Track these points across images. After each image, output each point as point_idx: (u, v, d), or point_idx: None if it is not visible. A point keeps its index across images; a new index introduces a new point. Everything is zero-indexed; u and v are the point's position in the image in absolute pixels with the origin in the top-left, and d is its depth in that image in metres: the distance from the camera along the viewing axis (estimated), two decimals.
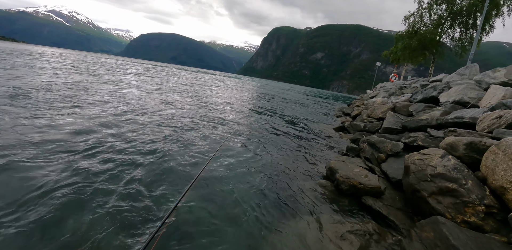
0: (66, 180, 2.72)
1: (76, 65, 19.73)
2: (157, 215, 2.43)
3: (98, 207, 2.39)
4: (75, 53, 61.03)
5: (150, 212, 2.46)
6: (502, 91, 5.08)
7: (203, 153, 4.29)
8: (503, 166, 2.50)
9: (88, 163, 3.22)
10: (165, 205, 2.61)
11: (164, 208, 2.55)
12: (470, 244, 1.93)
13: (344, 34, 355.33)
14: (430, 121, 5.19)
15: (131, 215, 2.36)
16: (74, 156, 3.31)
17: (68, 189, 2.57)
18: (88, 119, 5.06)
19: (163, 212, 2.47)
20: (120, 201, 2.53)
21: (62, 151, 3.41)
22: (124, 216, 2.33)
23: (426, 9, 21.19)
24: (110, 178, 2.96)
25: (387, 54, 28.78)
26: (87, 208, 2.36)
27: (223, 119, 7.48)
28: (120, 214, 2.35)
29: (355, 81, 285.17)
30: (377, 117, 8.19)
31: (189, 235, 2.26)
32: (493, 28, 18.95)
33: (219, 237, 2.32)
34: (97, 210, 2.34)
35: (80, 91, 7.99)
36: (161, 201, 2.67)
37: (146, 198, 2.68)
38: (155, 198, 2.71)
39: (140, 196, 2.70)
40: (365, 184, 3.43)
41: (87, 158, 3.36)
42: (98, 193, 2.60)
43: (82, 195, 2.52)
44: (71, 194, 2.50)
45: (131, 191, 2.74)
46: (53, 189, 2.53)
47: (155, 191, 2.86)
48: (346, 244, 2.45)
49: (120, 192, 2.69)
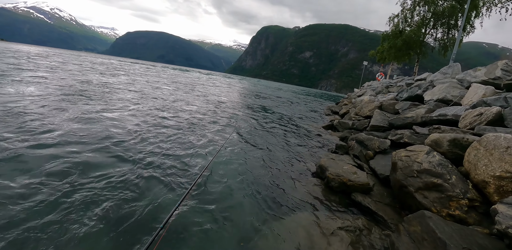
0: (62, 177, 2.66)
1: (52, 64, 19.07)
2: (158, 216, 2.43)
3: (96, 208, 2.38)
4: (57, 51, 58.94)
5: (151, 213, 2.46)
6: (482, 90, 5.29)
7: (200, 154, 4.31)
8: (484, 161, 2.61)
9: (86, 162, 3.19)
10: (166, 206, 2.61)
11: (165, 209, 2.54)
12: (455, 236, 2.01)
13: (332, 34, 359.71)
14: (415, 119, 5.35)
15: (132, 216, 2.37)
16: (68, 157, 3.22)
17: (63, 188, 2.51)
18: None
19: (164, 214, 2.45)
20: (121, 202, 2.54)
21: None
22: (125, 217, 2.34)
23: (410, 10, 21.76)
24: (109, 177, 2.96)
25: (373, 53, 29.36)
26: (85, 210, 2.34)
27: (219, 119, 7.48)
28: (120, 215, 2.35)
29: (343, 80, 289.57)
30: (365, 115, 8.36)
31: (188, 234, 2.27)
32: (473, 29, 19.69)
33: (215, 236, 2.33)
34: (97, 212, 2.33)
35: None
36: (162, 203, 2.68)
37: (147, 199, 2.68)
38: (155, 199, 2.71)
39: (141, 197, 2.71)
40: (355, 181, 3.50)
41: (86, 157, 3.31)
42: (97, 193, 2.60)
43: (80, 196, 2.50)
44: (67, 193, 2.49)
45: (132, 191, 2.76)
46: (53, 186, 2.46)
47: (156, 192, 2.87)
48: (337, 240, 2.49)
49: (120, 191, 2.70)
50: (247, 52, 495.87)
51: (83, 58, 37.26)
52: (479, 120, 3.89)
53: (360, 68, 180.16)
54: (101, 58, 56.98)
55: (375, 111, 7.35)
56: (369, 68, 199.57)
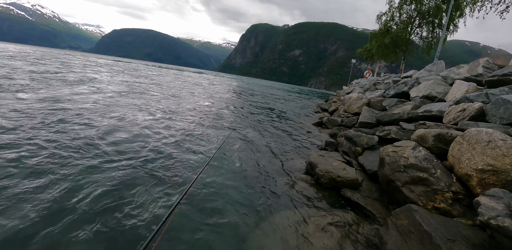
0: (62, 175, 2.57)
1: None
2: (158, 214, 2.47)
3: (96, 206, 2.42)
4: (38, 49, 56.90)
5: (151, 211, 2.50)
6: (465, 86, 5.45)
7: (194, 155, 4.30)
8: (467, 155, 2.69)
9: (84, 162, 3.20)
10: (166, 204, 2.67)
11: (165, 207, 2.60)
12: (440, 228, 2.07)
13: (320, 32, 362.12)
14: (402, 115, 5.46)
15: (131, 214, 2.40)
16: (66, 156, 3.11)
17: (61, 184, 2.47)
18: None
19: (164, 211, 2.51)
20: (119, 200, 2.57)
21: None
22: (124, 215, 2.36)
23: (397, 8, 22.22)
24: (108, 176, 2.99)
25: (361, 51, 29.87)
26: (82, 207, 2.36)
27: (214, 119, 7.48)
28: (119, 214, 2.37)
29: (332, 77, 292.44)
30: (353, 112, 8.48)
31: (183, 233, 2.30)
32: (456, 28, 20.31)
33: (208, 234, 2.35)
34: (96, 209, 2.37)
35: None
36: (162, 200, 2.72)
37: (147, 197, 2.73)
38: (155, 197, 2.76)
39: (141, 195, 2.75)
40: (344, 177, 3.55)
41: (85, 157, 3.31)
42: (96, 192, 2.62)
43: (75, 196, 2.51)
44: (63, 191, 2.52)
45: (132, 189, 2.81)
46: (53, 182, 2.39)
47: (156, 190, 2.91)
48: (327, 236, 2.52)
49: (119, 191, 2.73)
50: (236, 50, 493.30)
51: (70, 57, 36.10)
52: (462, 115, 4.01)
53: (349, 66, 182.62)
54: (85, 56, 55.35)
55: (363, 108, 7.46)
56: (357, 66, 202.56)
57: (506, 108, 3.51)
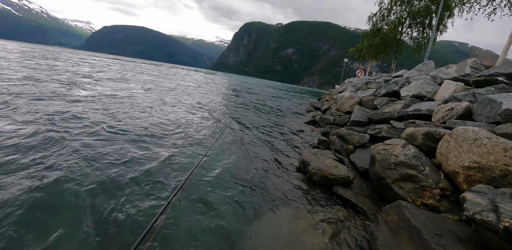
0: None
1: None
2: (151, 211, 2.48)
3: (91, 203, 2.44)
4: (25, 46, 55.34)
5: (144, 208, 2.52)
6: (453, 86, 5.59)
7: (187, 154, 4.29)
8: (454, 152, 2.77)
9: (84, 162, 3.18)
10: (159, 201, 2.69)
11: (158, 204, 2.61)
12: (428, 224, 2.13)
13: (314, 31, 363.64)
14: (392, 114, 5.56)
15: (125, 211, 2.41)
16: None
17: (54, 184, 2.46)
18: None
19: (157, 208, 2.52)
20: (114, 199, 2.58)
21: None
22: (119, 212, 2.38)
23: (387, 9, 22.49)
24: (106, 175, 2.99)
25: (353, 51, 30.12)
26: (78, 204, 2.39)
27: (207, 116, 7.48)
28: (112, 212, 2.38)
29: (324, 76, 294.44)
30: (345, 111, 8.58)
31: (176, 231, 2.30)
32: (446, 28, 20.69)
33: (201, 232, 2.35)
34: (91, 207, 2.38)
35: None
36: (155, 198, 2.74)
37: (141, 194, 2.76)
38: (149, 195, 2.77)
39: (135, 192, 2.77)
40: (336, 175, 3.61)
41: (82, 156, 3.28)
42: (93, 190, 2.64)
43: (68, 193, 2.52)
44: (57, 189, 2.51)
45: (123, 189, 2.81)
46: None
47: (149, 188, 2.92)
48: (319, 233, 2.56)
49: (117, 189, 2.76)
50: (230, 48, 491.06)
51: (56, 53, 35.22)
52: (450, 114, 4.11)
53: (341, 65, 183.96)
54: (74, 53, 54.14)
55: (355, 107, 7.56)
56: (349, 65, 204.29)
57: (491, 107, 3.62)
